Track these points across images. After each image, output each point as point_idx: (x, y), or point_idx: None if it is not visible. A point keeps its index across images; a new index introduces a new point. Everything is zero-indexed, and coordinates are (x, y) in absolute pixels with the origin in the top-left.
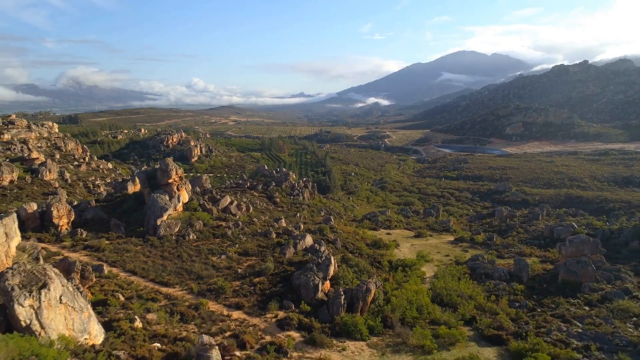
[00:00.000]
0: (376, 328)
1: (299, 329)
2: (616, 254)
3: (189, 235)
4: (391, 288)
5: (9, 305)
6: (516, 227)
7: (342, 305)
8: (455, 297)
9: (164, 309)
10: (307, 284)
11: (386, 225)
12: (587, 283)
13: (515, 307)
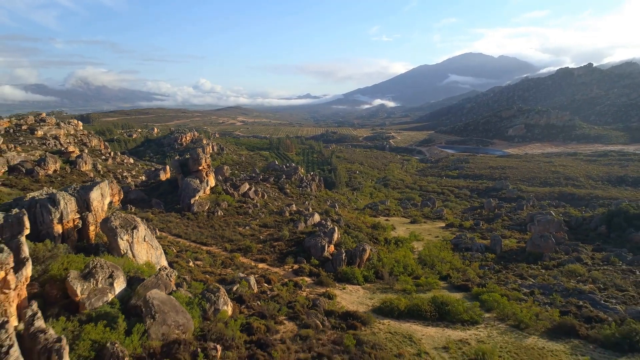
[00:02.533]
0: (369, 277)
1: (310, 275)
2: (585, 236)
3: (217, 212)
4: (384, 254)
5: (112, 239)
6: (502, 216)
7: (343, 260)
8: (436, 261)
9: (208, 257)
10: (316, 245)
11: (385, 213)
12: (548, 253)
13: (484, 269)
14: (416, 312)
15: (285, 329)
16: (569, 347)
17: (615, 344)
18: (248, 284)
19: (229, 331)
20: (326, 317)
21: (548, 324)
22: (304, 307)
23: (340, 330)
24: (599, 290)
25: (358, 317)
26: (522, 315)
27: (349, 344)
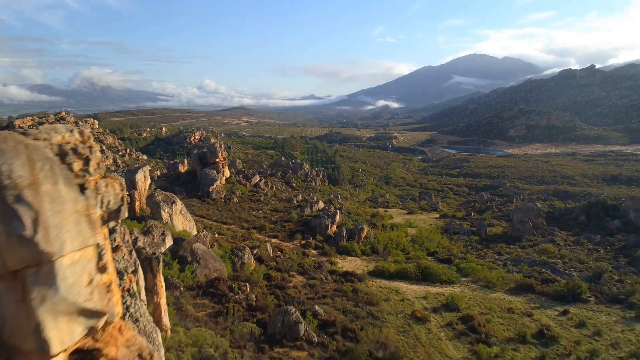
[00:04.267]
0: (366, 251)
1: (315, 249)
2: (566, 224)
3: (233, 199)
4: (380, 234)
5: (156, 211)
6: (492, 208)
7: (344, 237)
8: (426, 241)
9: (229, 232)
10: (321, 225)
11: (384, 205)
12: (526, 236)
13: (468, 248)
14: (403, 274)
15: (296, 280)
16: (525, 299)
17: (561, 296)
18: (266, 248)
19: (254, 276)
20: (329, 274)
21: (512, 284)
22: (311, 267)
23: (340, 283)
24: (562, 262)
25: (355, 275)
26: (491, 277)
27: (347, 290)
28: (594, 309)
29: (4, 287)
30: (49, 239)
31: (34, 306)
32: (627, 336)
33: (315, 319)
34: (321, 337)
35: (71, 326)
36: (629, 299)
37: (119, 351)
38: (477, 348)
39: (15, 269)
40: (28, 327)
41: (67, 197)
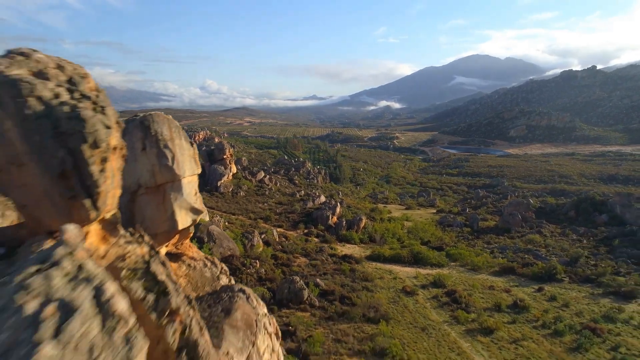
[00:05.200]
0: (364, 240)
1: (317, 237)
2: (557, 219)
3: (239, 193)
4: (378, 225)
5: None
6: (487, 204)
7: (344, 226)
8: (420, 232)
9: (238, 221)
10: (322, 215)
11: (383, 201)
12: (515, 228)
13: (459, 238)
14: (397, 258)
15: (300, 260)
16: (506, 279)
17: (539, 277)
18: (272, 233)
19: (263, 255)
20: (329, 257)
21: (496, 267)
22: (313, 250)
23: (339, 264)
24: (546, 250)
25: (353, 258)
26: (477, 261)
27: (345, 269)
28: (567, 287)
29: (150, 196)
30: (179, 167)
31: (171, 202)
32: (592, 307)
33: (317, 288)
34: (322, 302)
35: (186, 216)
36: (599, 279)
37: (194, 254)
38: (457, 314)
39: (160, 184)
40: (165, 216)
41: (185, 146)
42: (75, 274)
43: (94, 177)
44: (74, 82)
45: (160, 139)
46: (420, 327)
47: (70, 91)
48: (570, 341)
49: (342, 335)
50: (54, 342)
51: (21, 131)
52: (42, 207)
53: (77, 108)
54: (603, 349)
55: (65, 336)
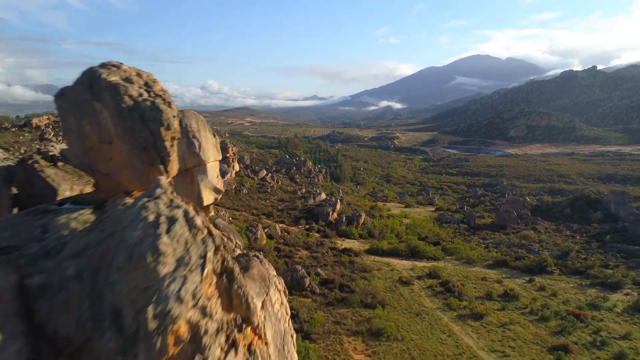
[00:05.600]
0: (363, 235)
1: (318, 232)
2: (552, 216)
3: (242, 190)
4: (377, 222)
5: None
6: (485, 202)
7: (344, 222)
8: (418, 228)
9: (242, 217)
10: (323, 212)
11: (383, 199)
12: (511, 224)
13: (456, 234)
14: (395, 252)
15: (301, 253)
16: (499, 271)
17: (530, 269)
18: (275, 228)
19: (266, 247)
20: (329, 250)
21: (490, 261)
22: (314, 244)
23: (339, 257)
24: (539, 245)
25: (352, 251)
26: (471, 255)
27: (344, 261)
28: (556, 278)
29: (181, 178)
30: (204, 154)
31: (198, 183)
32: (578, 296)
33: (318, 277)
34: (322, 289)
35: (210, 195)
36: (587, 271)
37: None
38: (450, 301)
39: (189, 167)
40: (193, 195)
41: (209, 137)
42: (170, 202)
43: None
44: (149, 85)
45: (189, 130)
46: (415, 312)
47: (148, 91)
48: (555, 326)
49: (340, 318)
50: (167, 236)
51: (116, 119)
52: (123, 174)
53: (155, 103)
54: (585, 332)
55: (172, 233)
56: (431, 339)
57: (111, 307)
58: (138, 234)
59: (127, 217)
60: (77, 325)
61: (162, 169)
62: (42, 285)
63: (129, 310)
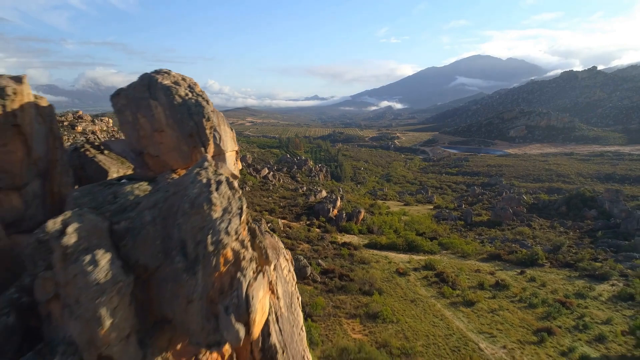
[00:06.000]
0: (363, 231)
1: (319, 227)
2: (548, 214)
3: (245, 187)
4: (376, 218)
5: None
6: (483, 200)
7: (344, 218)
8: (416, 224)
9: None
10: (324, 208)
11: (383, 198)
12: (506, 221)
13: (453, 230)
14: (393, 246)
15: (303, 246)
16: (492, 264)
17: (522, 262)
18: (278, 222)
19: None
20: (330, 244)
21: (484, 255)
22: (315, 238)
23: (339, 250)
24: (533, 240)
25: (352, 245)
26: (466, 249)
27: (344, 253)
28: (547, 270)
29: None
30: (224, 145)
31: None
32: (566, 287)
33: (319, 267)
34: (323, 278)
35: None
36: (577, 264)
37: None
38: (443, 290)
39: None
40: None
41: (227, 130)
42: (215, 171)
43: (207, 136)
44: (191, 87)
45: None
46: (410, 299)
47: (191, 91)
48: (542, 312)
49: (340, 303)
50: (216, 192)
51: (168, 113)
52: (170, 155)
53: (198, 100)
54: (570, 318)
55: (219, 191)
56: (424, 322)
57: (179, 240)
58: (196, 191)
59: (187, 180)
60: (152, 255)
61: (203, 150)
62: (127, 229)
63: (192, 242)
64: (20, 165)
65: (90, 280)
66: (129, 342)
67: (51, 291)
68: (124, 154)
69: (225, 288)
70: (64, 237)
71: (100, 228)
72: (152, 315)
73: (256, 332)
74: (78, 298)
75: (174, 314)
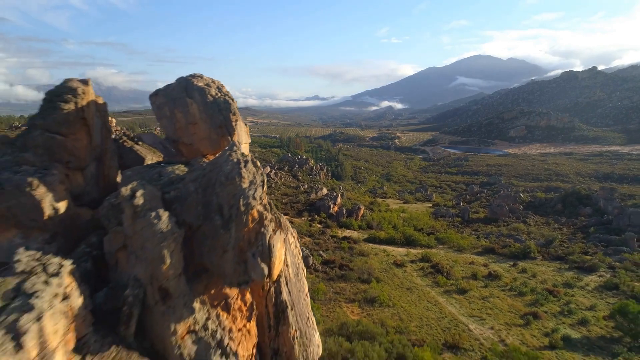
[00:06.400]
0: (362, 226)
1: (320, 223)
2: (544, 212)
3: None
4: (376, 214)
5: None
6: (481, 198)
7: (344, 214)
8: (414, 220)
9: None
10: (324, 205)
11: (382, 196)
12: (502, 218)
13: (450, 226)
14: (391, 240)
15: (305, 239)
16: (486, 257)
17: (515, 255)
18: None
19: None
20: (331, 238)
21: (479, 248)
22: (316, 232)
23: (339, 243)
24: (527, 236)
25: (352, 239)
26: (462, 243)
27: (344, 246)
28: (538, 263)
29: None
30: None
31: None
32: (555, 277)
33: (320, 257)
34: (324, 268)
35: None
36: (567, 257)
37: None
38: (438, 279)
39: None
40: None
41: (242, 125)
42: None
43: (233, 127)
44: (219, 88)
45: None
46: (406, 287)
47: (219, 91)
48: (530, 299)
49: (340, 290)
50: (245, 168)
51: (202, 109)
52: (202, 143)
53: (225, 99)
54: (556, 304)
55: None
56: (418, 307)
57: (216, 205)
58: (229, 167)
59: (222, 160)
60: (195, 217)
61: (229, 139)
62: (175, 197)
63: (227, 206)
64: (84, 150)
65: (155, 229)
66: (180, 280)
67: (120, 243)
68: (154, 145)
69: (252, 240)
70: (135, 199)
71: (156, 195)
72: (192, 266)
73: (275, 274)
74: (144, 244)
75: (212, 262)
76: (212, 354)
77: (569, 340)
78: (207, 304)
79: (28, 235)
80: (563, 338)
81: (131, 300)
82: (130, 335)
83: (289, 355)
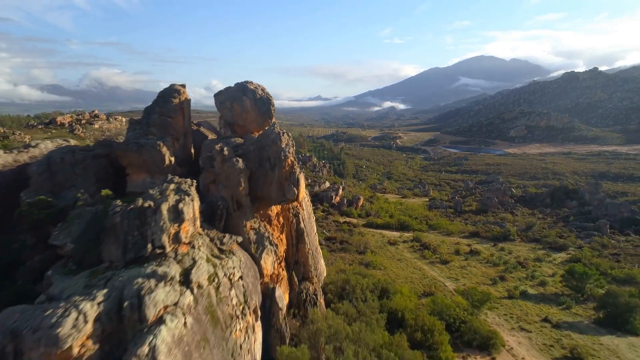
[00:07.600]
0: (362, 215)
1: (323, 212)
2: (534, 205)
3: None
4: (374, 205)
5: None
6: (476, 194)
7: (345, 204)
8: (410, 211)
9: None
10: (327, 196)
11: (382, 191)
12: (491, 209)
13: (442, 216)
14: (387, 226)
15: None
16: (471, 240)
17: (497, 238)
18: None
19: None
20: (333, 222)
21: (466, 233)
22: (320, 218)
23: (340, 226)
24: (512, 224)
25: (351, 223)
26: (451, 228)
27: (344, 228)
28: (517, 244)
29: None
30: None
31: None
32: (530, 254)
33: (323, 234)
34: (327, 243)
35: None
36: (543, 239)
37: None
38: (425, 253)
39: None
40: None
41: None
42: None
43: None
44: (263, 89)
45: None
46: (397, 259)
47: (263, 92)
48: (502, 269)
49: (340, 257)
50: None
51: (253, 103)
52: (251, 125)
53: (268, 97)
54: (523, 272)
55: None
56: (405, 271)
57: (266, 157)
58: (274, 136)
59: (268, 132)
60: (253, 164)
61: (269, 120)
62: (242, 154)
63: (274, 157)
64: (180, 128)
65: (236, 168)
66: (247, 198)
67: (211, 178)
68: (210, 129)
69: (288, 176)
70: (224, 151)
71: (232, 151)
72: (251, 195)
73: (300, 197)
74: (228, 176)
75: (263, 192)
76: (264, 240)
77: (525, 294)
78: (259, 219)
79: (153, 176)
80: (521, 293)
81: (222, 207)
82: (221, 227)
83: (305, 263)
